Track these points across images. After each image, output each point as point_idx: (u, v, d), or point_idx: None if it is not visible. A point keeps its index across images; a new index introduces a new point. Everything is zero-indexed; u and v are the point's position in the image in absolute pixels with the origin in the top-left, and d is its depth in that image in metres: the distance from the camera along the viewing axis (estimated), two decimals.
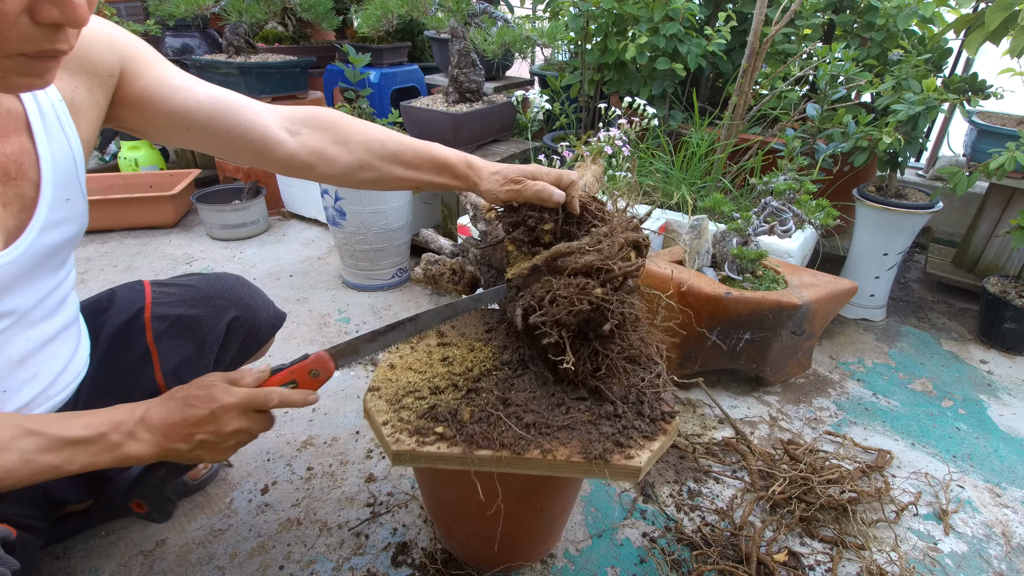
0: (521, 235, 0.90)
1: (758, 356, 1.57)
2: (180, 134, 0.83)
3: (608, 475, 0.77)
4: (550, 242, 0.87)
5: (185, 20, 2.84)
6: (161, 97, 0.80)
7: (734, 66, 2.24)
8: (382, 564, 1.12)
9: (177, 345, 0.99)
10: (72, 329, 0.85)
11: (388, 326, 0.84)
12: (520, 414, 0.82)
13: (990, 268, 2.12)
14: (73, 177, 0.74)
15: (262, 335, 1.12)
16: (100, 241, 2.40)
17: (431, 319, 0.88)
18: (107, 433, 0.68)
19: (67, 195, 0.73)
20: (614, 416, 0.83)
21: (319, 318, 1.92)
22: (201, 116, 0.82)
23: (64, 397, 0.84)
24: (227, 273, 1.11)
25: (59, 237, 0.74)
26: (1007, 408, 1.65)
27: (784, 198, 1.53)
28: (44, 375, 0.79)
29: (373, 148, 0.90)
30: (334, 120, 0.90)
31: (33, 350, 0.76)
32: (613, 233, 0.82)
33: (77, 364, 0.87)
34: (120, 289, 1.02)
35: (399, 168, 0.91)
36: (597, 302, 0.76)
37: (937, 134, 2.70)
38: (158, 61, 0.81)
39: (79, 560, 1.11)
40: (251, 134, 0.84)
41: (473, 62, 2.25)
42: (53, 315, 0.79)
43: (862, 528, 1.22)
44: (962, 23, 1.90)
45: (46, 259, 0.74)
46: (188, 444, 0.72)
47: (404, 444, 0.78)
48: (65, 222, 0.74)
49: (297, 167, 0.89)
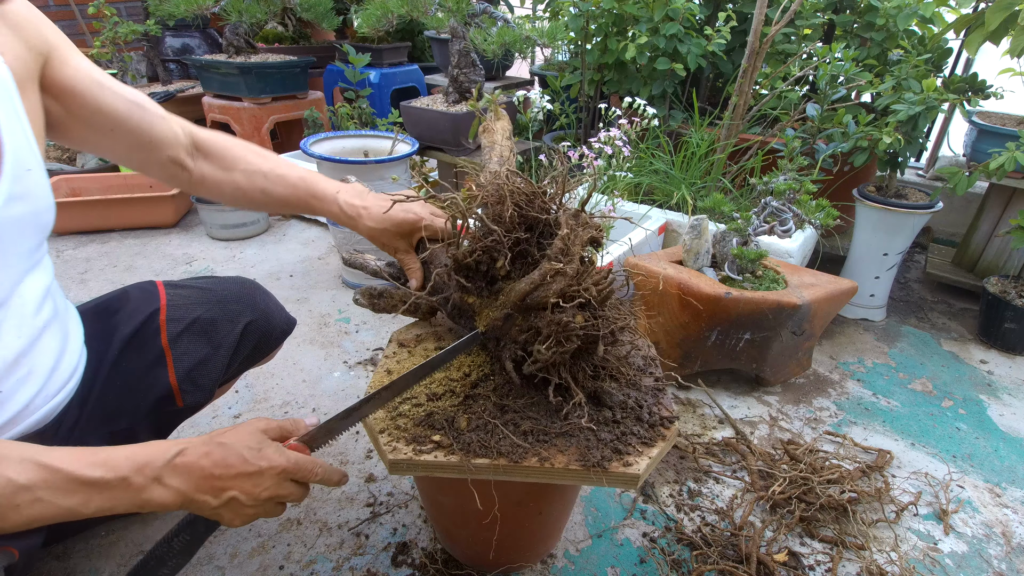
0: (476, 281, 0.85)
1: (758, 356, 1.57)
2: (100, 135, 0.82)
3: (606, 483, 0.76)
4: (507, 274, 0.82)
5: (185, 20, 2.84)
6: (90, 92, 0.78)
7: (734, 66, 2.24)
8: (382, 564, 1.12)
9: (192, 347, 0.98)
10: (58, 323, 0.82)
11: (362, 400, 0.80)
12: (518, 421, 0.81)
13: (990, 268, 2.12)
14: (27, 147, 0.70)
15: (273, 340, 1.11)
16: (100, 241, 2.40)
17: (407, 382, 0.84)
18: (129, 476, 0.63)
19: (27, 166, 0.70)
20: (612, 422, 0.81)
21: (319, 318, 1.92)
22: (130, 122, 0.82)
23: (65, 396, 0.82)
24: (241, 277, 1.11)
25: (25, 210, 0.70)
26: (1007, 408, 1.65)
27: (784, 198, 1.53)
28: (38, 373, 0.76)
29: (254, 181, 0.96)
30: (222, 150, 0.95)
31: (26, 347, 0.73)
32: (568, 243, 0.77)
33: (71, 359, 0.84)
34: (132, 289, 1.01)
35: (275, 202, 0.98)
36: (584, 332, 0.74)
37: (937, 134, 2.70)
38: (82, 55, 0.80)
39: (79, 560, 1.11)
40: (166, 151, 0.88)
41: (473, 62, 2.25)
42: (40, 308, 0.76)
43: (862, 528, 1.22)
44: (962, 23, 1.90)
45: (16, 236, 0.70)
46: (217, 499, 0.68)
47: (401, 453, 0.77)
48: (28, 195, 0.70)
49: (188, 189, 0.96)
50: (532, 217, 0.81)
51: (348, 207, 0.96)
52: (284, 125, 2.87)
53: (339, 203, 0.96)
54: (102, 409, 0.90)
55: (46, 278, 0.79)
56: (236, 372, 1.10)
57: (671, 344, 1.58)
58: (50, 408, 0.79)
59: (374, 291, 1.00)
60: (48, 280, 0.79)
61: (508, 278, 0.82)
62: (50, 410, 0.79)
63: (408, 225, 0.95)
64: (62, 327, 0.83)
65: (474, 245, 0.81)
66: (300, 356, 1.72)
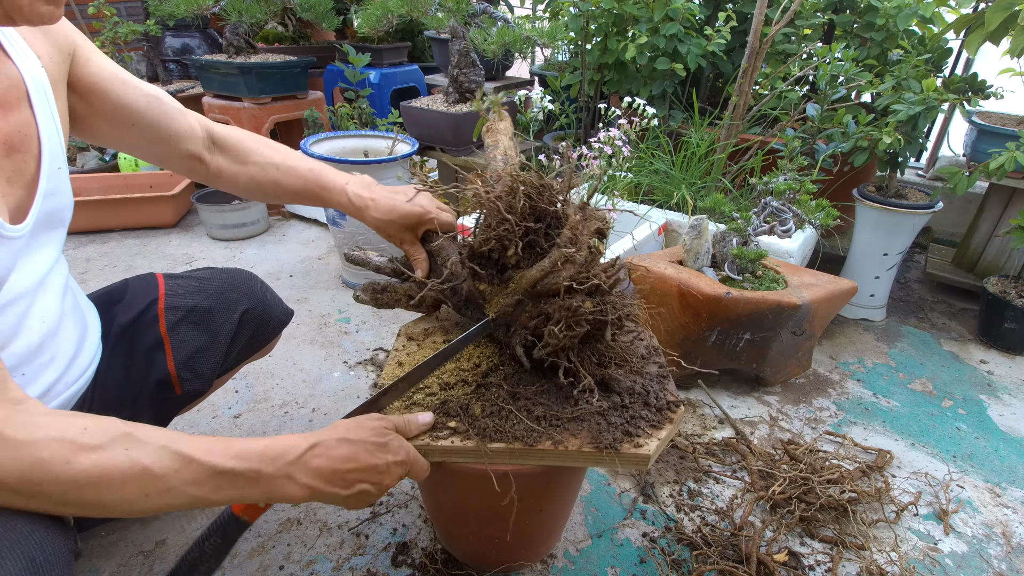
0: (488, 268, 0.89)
1: (758, 356, 1.57)
2: (122, 130, 0.84)
3: (619, 464, 0.79)
4: (517, 262, 0.85)
5: (185, 20, 2.84)
6: (112, 88, 0.80)
7: (734, 66, 2.24)
8: (382, 564, 1.12)
9: (190, 335, 1.00)
10: (78, 312, 0.85)
11: (381, 392, 0.82)
12: (530, 407, 0.83)
13: (990, 268, 2.12)
14: (59, 146, 0.74)
15: (271, 329, 1.13)
16: (100, 241, 2.40)
17: (424, 372, 0.86)
18: (261, 469, 0.65)
19: (58, 164, 0.73)
20: (621, 407, 0.84)
21: (319, 318, 1.92)
22: (149, 116, 0.84)
23: (83, 384, 0.84)
24: (238, 268, 1.13)
25: (54, 205, 0.74)
26: (1007, 408, 1.65)
27: (784, 198, 1.53)
28: (60, 359, 0.78)
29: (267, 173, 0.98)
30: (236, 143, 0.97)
31: (49, 333, 0.76)
32: (576, 233, 0.80)
33: (89, 349, 0.86)
34: (133, 280, 1.03)
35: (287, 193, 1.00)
36: (592, 317, 0.76)
37: (937, 134, 2.70)
38: (100, 52, 0.83)
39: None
40: (185, 145, 0.90)
41: (473, 62, 2.25)
42: (62, 296, 0.80)
43: (862, 528, 1.22)
44: (962, 23, 1.90)
45: (46, 229, 0.74)
46: (347, 491, 0.70)
47: (418, 439, 0.80)
48: (58, 191, 0.74)
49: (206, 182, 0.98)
50: (541, 209, 0.84)
51: (356, 198, 0.97)
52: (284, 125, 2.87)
53: (347, 194, 0.98)
54: (104, 398, 0.91)
55: (64, 269, 0.83)
56: (234, 362, 1.11)
57: (671, 344, 1.58)
58: (69, 395, 0.81)
59: (377, 286, 1.00)
60: (66, 271, 0.83)
61: (517, 267, 0.85)
62: (69, 397, 0.81)
63: (414, 217, 0.97)
64: (81, 317, 0.86)
65: (488, 233, 0.84)
66: (300, 356, 1.72)
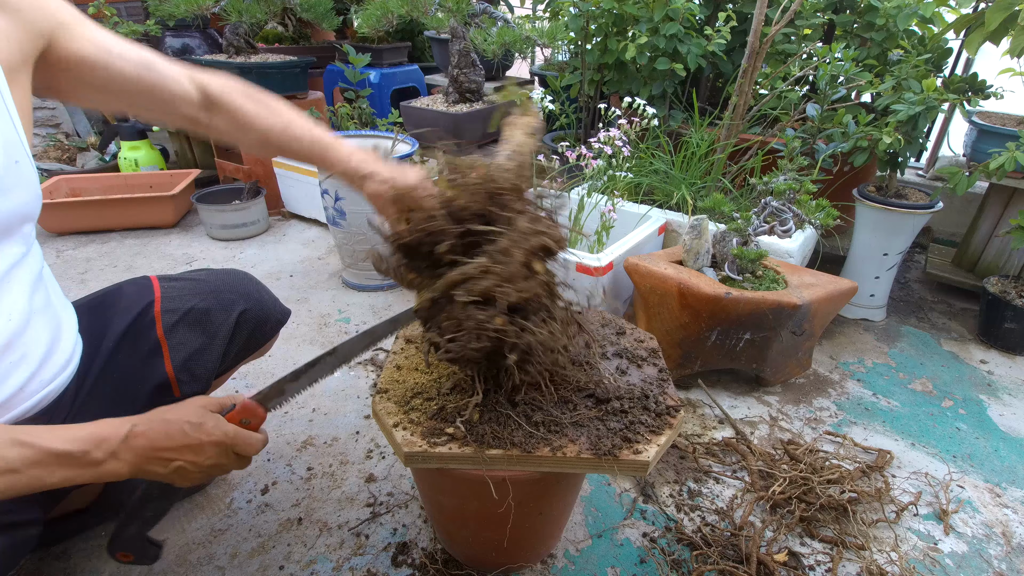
0: (419, 261, 0.83)
1: (758, 356, 1.57)
2: (114, 97, 0.84)
3: (617, 470, 0.78)
4: (452, 260, 0.80)
5: (185, 20, 2.84)
6: (101, 61, 0.80)
7: (734, 66, 2.24)
8: (382, 564, 1.12)
9: (188, 337, 0.99)
10: (50, 311, 0.84)
11: (308, 363, 0.85)
12: (528, 413, 0.83)
13: (990, 268, 2.12)
14: (15, 140, 0.71)
15: (268, 329, 1.12)
16: (100, 241, 2.40)
17: (351, 349, 0.89)
18: (90, 450, 0.69)
19: (16, 158, 0.71)
20: (620, 412, 0.83)
21: (319, 318, 1.92)
22: (140, 85, 0.84)
23: (61, 383, 0.84)
24: (234, 269, 1.12)
25: (13, 202, 0.72)
26: (1007, 408, 1.65)
27: (784, 198, 1.53)
28: (31, 358, 0.78)
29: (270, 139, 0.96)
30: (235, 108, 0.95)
31: (16, 332, 0.75)
32: (516, 243, 0.75)
33: (65, 348, 0.85)
34: (126, 284, 1.02)
35: (293, 157, 0.99)
36: (495, 336, 0.73)
37: (937, 134, 2.70)
38: (90, 23, 0.81)
39: (79, 560, 1.11)
40: (180, 109, 0.90)
41: (473, 62, 2.25)
42: (30, 294, 0.78)
43: (862, 528, 1.22)
44: (962, 23, 1.90)
45: (5, 227, 0.72)
46: (165, 469, 0.74)
47: (416, 446, 0.79)
48: (17, 187, 0.72)
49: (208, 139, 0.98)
50: (490, 212, 0.80)
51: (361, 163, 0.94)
52: None
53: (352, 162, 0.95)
54: (97, 401, 0.91)
55: (35, 265, 0.81)
56: (232, 363, 1.11)
57: (671, 344, 1.58)
58: (45, 394, 0.81)
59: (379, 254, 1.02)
60: (38, 268, 0.81)
61: (454, 264, 0.80)
62: (44, 396, 0.81)
63: (402, 191, 0.92)
64: (54, 316, 0.84)
65: (414, 227, 0.81)
66: (300, 356, 1.72)
